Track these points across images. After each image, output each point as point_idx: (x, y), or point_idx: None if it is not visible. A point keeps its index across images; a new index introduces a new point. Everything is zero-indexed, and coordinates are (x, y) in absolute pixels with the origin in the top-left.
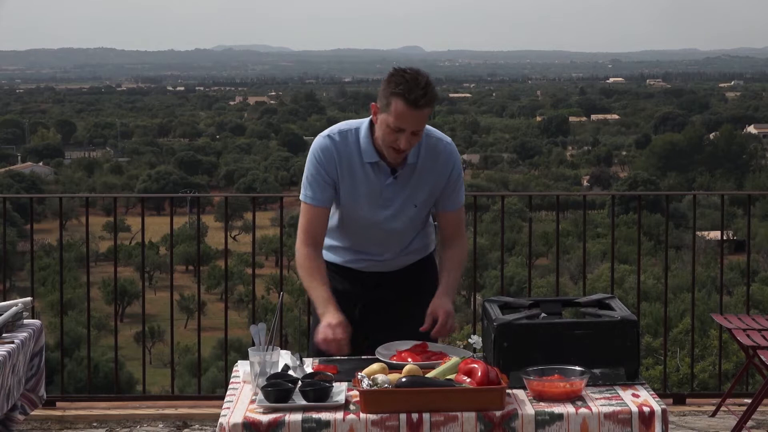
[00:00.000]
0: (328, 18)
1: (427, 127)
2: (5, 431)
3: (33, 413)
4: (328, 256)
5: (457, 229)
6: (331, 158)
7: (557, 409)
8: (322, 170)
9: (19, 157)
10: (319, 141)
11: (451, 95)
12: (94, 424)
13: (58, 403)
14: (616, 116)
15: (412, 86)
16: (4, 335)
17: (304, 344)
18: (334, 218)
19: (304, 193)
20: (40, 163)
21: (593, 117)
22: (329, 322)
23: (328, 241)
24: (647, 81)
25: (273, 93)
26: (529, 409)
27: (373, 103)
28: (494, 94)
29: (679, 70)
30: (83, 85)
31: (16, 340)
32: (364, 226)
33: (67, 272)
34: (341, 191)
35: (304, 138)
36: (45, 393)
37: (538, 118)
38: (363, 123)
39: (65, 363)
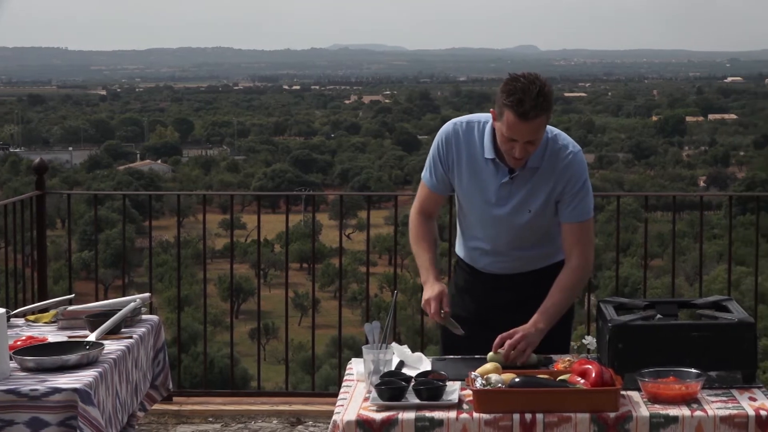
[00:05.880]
0: (443, 18)
1: (559, 132)
2: (128, 428)
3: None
4: (456, 249)
5: (574, 245)
6: (450, 147)
7: (672, 411)
8: (439, 158)
9: (138, 155)
10: (446, 127)
11: (566, 94)
12: (210, 419)
13: (175, 398)
14: (734, 116)
15: (523, 98)
16: (123, 330)
17: (417, 343)
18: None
19: (424, 171)
20: (159, 161)
21: (710, 117)
22: (427, 297)
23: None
24: (767, 80)
25: (388, 92)
26: (643, 411)
27: (491, 109)
28: (610, 94)
29: None
30: (201, 83)
31: (134, 335)
32: (476, 220)
33: (184, 269)
34: (456, 181)
35: (419, 137)
36: (171, 384)
37: (654, 118)
38: (490, 119)
39: (182, 358)
